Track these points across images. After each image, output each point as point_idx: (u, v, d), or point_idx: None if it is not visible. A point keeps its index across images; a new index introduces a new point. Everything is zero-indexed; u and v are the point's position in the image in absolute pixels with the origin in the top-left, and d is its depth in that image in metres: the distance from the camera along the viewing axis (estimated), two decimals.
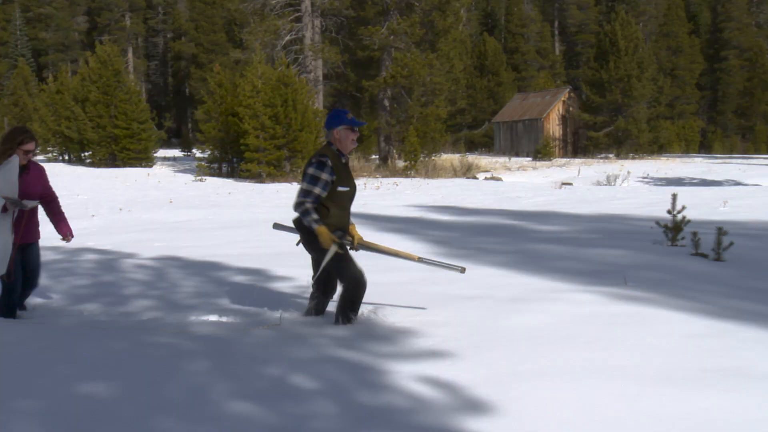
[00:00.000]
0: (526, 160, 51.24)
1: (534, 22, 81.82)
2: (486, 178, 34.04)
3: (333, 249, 5.08)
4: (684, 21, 77.72)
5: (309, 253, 5.39)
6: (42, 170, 5.93)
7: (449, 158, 41.36)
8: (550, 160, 50.51)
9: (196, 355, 4.34)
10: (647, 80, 54.32)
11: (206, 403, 3.53)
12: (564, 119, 58.84)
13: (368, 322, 5.32)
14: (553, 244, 9.97)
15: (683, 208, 9.83)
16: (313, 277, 5.46)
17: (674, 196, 9.85)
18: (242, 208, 18.07)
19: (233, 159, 36.08)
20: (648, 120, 55.38)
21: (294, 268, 8.07)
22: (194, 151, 47.89)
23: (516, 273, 7.82)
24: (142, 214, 16.56)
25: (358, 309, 5.28)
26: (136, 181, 31.57)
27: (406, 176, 34.67)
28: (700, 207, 15.80)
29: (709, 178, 35.56)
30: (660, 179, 35.11)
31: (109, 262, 8.67)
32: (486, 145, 66.63)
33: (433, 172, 35.79)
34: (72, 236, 6.12)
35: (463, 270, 5.73)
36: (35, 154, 5.84)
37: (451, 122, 57.32)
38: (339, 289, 5.34)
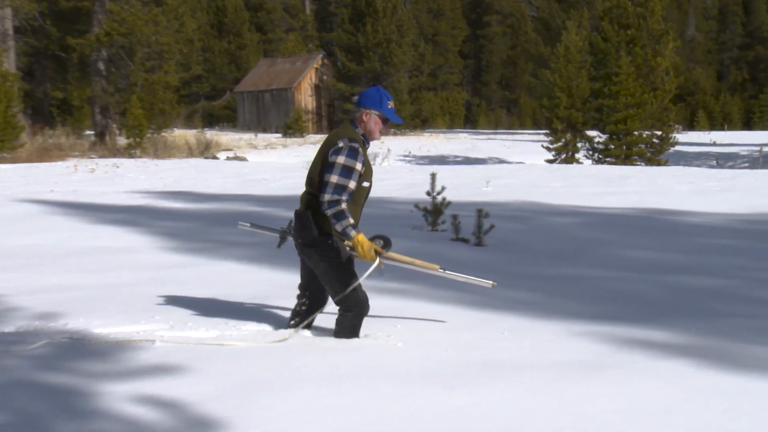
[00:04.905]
0: (274, 137, 51.69)
1: None
2: (228, 158, 33.94)
3: (376, 263, 4.85)
4: None
5: (303, 257, 5.01)
6: None
7: (183, 134, 40.61)
8: (303, 136, 51.40)
9: None
10: (408, 46, 56.96)
11: None
12: (317, 89, 60.11)
13: (78, 334, 5.08)
14: None
15: (443, 189, 10.47)
16: (299, 286, 5.18)
17: (433, 176, 10.45)
18: None
19: None
20: (410, 91, 58.17)
21: None
22: None
23: (261, 268, 7.94)
24: None
25: (358, 333, 5.05)
26: None
27: (130, 156, 33.57)
28: (463, 187, 16.93)
29: (474, 155, 38.24)
30: (423, 157, 37.14)
31: None
32: (228, 118, 66.34)
33: (163, 152, 35.00)
34: None
35: (494, 285, 5.41)
36: None
37: (185, 91, 56.30)
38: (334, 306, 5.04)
